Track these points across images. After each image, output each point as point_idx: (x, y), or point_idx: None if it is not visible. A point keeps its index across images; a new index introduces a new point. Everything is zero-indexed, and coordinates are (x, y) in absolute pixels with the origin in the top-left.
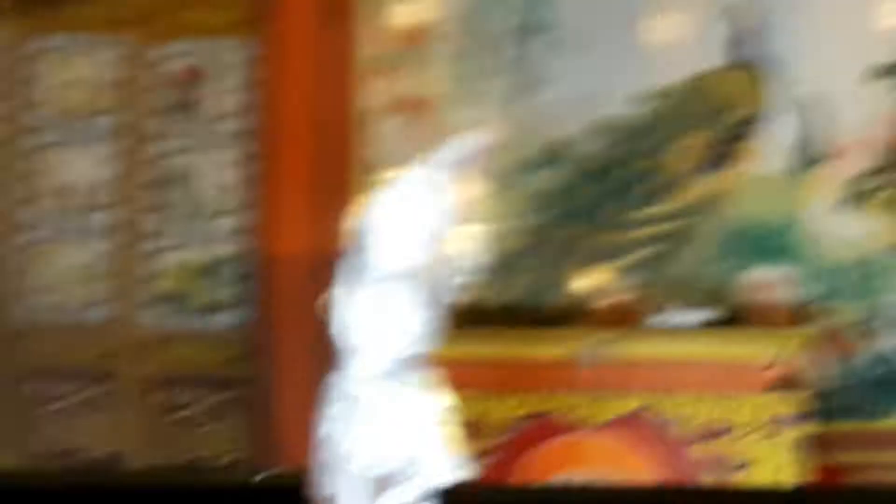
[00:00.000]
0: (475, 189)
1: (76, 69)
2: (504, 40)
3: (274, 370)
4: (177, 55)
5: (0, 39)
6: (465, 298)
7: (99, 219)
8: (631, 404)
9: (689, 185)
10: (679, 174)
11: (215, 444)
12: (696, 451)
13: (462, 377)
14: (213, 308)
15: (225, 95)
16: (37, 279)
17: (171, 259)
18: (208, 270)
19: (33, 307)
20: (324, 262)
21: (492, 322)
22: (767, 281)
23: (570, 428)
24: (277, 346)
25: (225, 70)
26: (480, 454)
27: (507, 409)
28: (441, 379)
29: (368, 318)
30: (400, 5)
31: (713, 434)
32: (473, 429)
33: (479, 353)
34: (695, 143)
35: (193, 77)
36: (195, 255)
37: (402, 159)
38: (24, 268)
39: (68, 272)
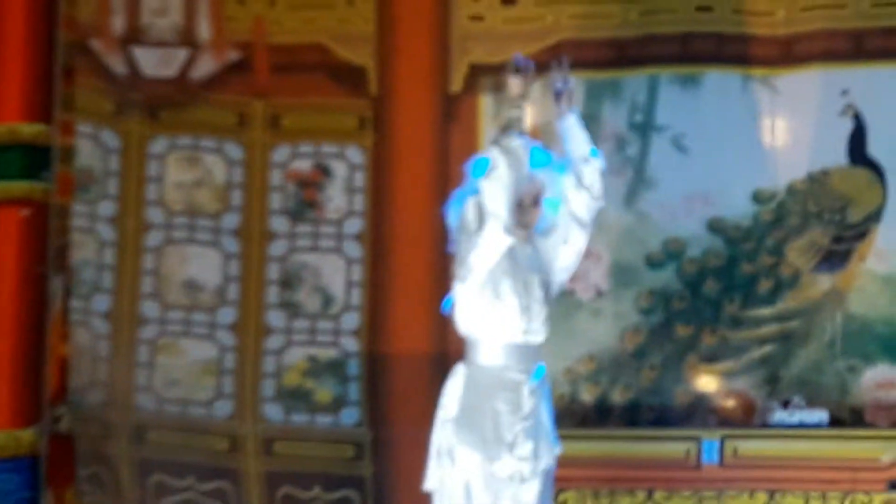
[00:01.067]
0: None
1: (203, 168)
2: (626, 138)
3: (392, 469)
4: (302, 156)
5: (130, 137)
6: (589, 398)
7: (225, 315)
8: (755, 501)
9: (811, 282)
10: (800, 272)
11: None
12: None
13: (587, 474)
14: (336, 405)
15: (349, 196)
16: (164, 373)
17: (296, 356)
18: (331, 368)
19: (160, 401)
20: (442, 363)
21: (617, 420)
22: (888, 379)
23: None
24: (395, 446)
25: (348, 172)
26: None
27: None
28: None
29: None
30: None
31: None
32: None
33: (605, 451)
34: (816, 240)
35: (318, 178)
36: (319, 352)
37: None
38: (152, 361)
39: (194, 367)
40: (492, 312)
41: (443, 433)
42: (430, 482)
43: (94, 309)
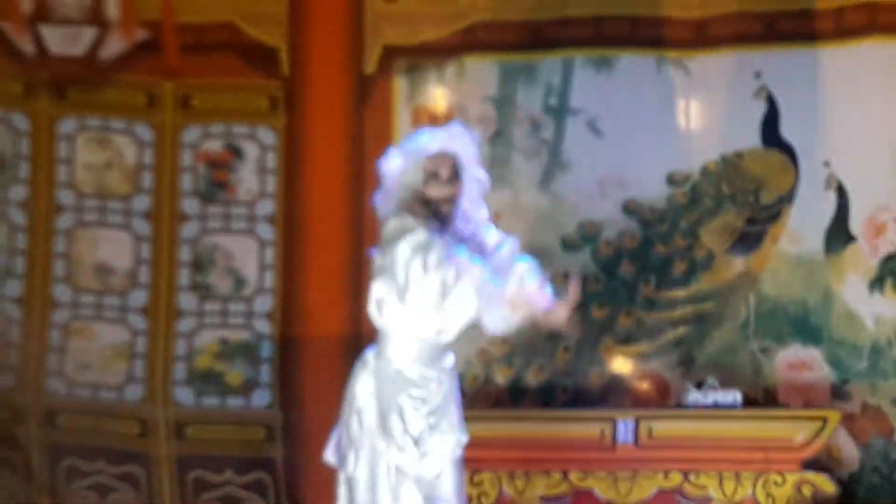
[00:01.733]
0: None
1: (114, 150)
2: (540, 121)
3: (303, 452)
4: (212, 137)
5: (39, 118)
6: (503, 379)
7: (137, 298)
8: (670, 482)
9: (724, 264)
10: (714, 253)
11: None
12: None
13: (502, 456)
14: (247, 388)
15: (260, 177)
16: (76, 357)
17: (207, 339)
18: (243, 350)
19: (71, 385)
20: (355, 345)
21: (531, 401)
22: (801, 360)
23: None
24: (307, 428)
25: (260, 153)
26: None
27: (547, 487)
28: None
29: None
30: (436, 87)
31: None
32: None
33: (519, 432)
34: (730, 222)
35: (229, 159)
36: (230, 334)
37: None
38: (63, 345)
39: (106, 350)
40: (408, 311)
41: (350, 422)
42: (329, 454)
43: (5, 294)
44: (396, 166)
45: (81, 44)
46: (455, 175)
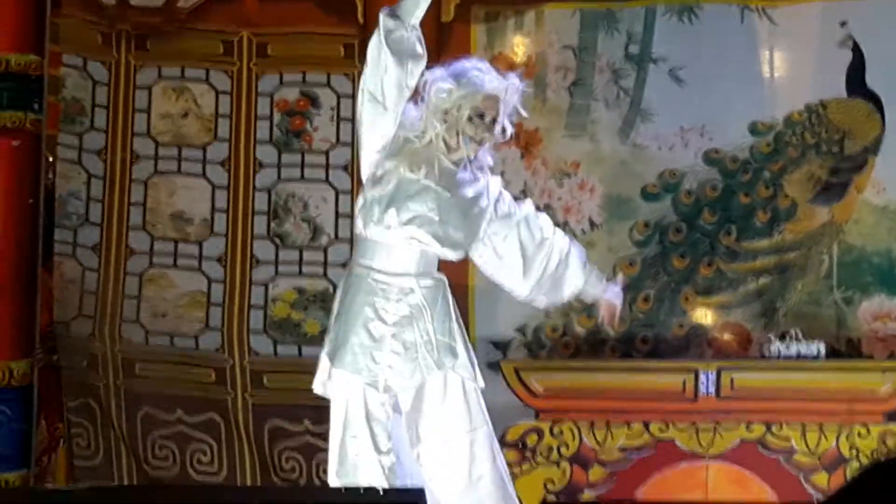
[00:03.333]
0: None
1: (190, 99)
2: (621, 70)
3: None
4: (288, 85)
5: (117, 68)
6: (582, 330)
7: (213, 246)
8: (752, 433)
9: (808, 214)
10: (797, 203)
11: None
12: (817, 481)
13: (582, 406)
14: (323, 337)
15: (336, 126)
16: (152, 305)
17: (283, 287)
18: (319, 300)
19: (147, 333)
20: None
21: (611, 352)
22: (885, 310)
23: (690, 456)
24: None
25: (335, 101)
26: (601, 481)
27: (627, 438)
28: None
29: None
30: (514, 35)
31: (834, 464)
32: (594, 456)
33: (599, 383)
34: (814, 172)
35: (305, 107)
36: (307, 284)
37: (514, 192)
38: (138, 293)
39: (182, 299)
40: (378, 207)
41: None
42: (317, 385)
43: (81, 241)
44: (445, 88)
45: None
46: (494, 122)
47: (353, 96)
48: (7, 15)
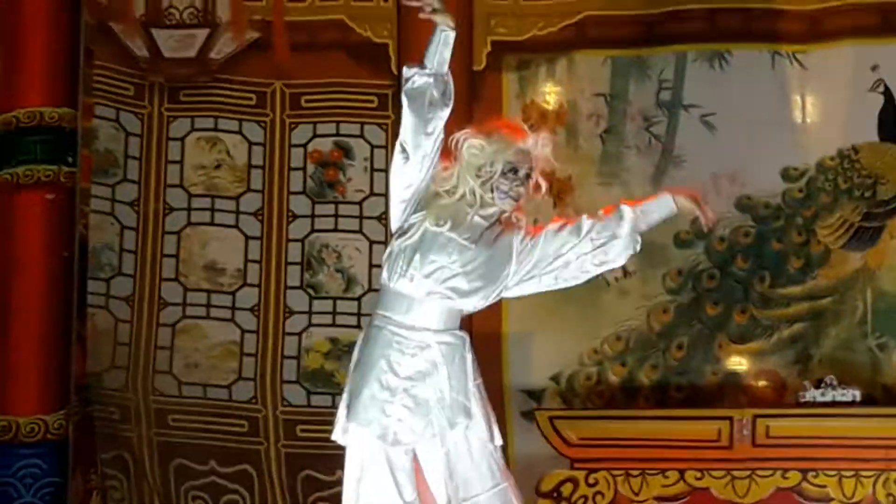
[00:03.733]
0: None
1: (223, 150)
2: (653, 116)
3: None
4: (322, 136)
5: (150, 119)
6: (616, 378)
7: (246, 297)
8: (788, 481)
9: (841, 260)
10: (830, 249)
11: None
12: None
13: (617, 455)
14: None
15: (369, 176)
16: (184, 356)
17: (317, 338)
18: (352, 350)
19: (180, 383)
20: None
21: (645, 401)
22: None
23: None
24: None
25: (368, 151)
26: None
27: (663, 487)
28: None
29: None
30: (546, 83)
31: None
32: None
33: (634, 432)
34: (847, 217)
35: (338, 158)
36: (340, 334)
37: None
38: (171, 344)
39: (215, 349)
40: (402, 258)
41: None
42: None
43: (114, 293)
44: (477, 144)
45: (193, 46)
46: (528, 177)
47: (387, 146)
48: (40, 68)
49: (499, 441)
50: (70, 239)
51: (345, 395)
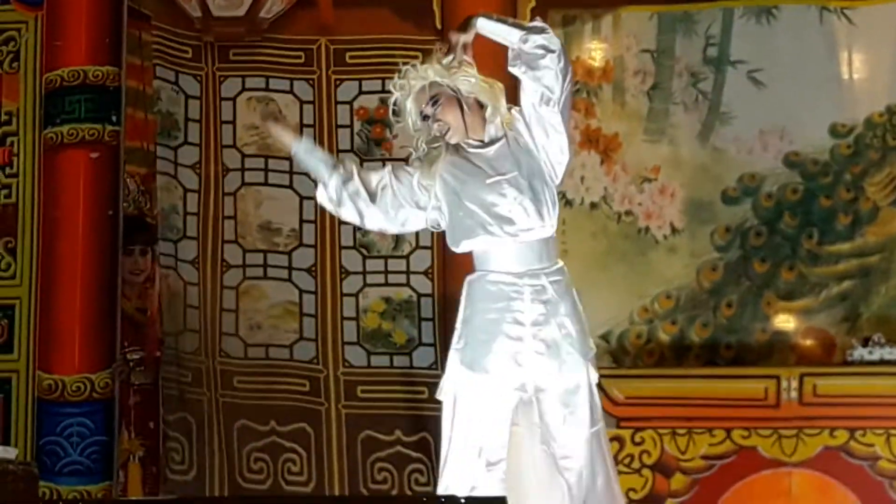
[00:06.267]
0: None
1: (275, 109)
2: (700, 73)
3: None
4: (367, 93)
5: (206, 80)
6: (666, 337)
7: (302, 257)
8: (835, 440)
9: (890, 217)
10: (879, 206)
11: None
12: None
13: (664, 414)
14: (411, 347)
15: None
16: (247, 317)
17: (372, 298)
18: (405, 309)
19: (244, 345)
20: None
21: (695, 359)
22: None
23: (773, 463)
24: None
25: None
26: (683, 490)
27: (709, 445)
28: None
29: None
30: (591, 40)
31: None
32: (676, 464)
33: (682, 390)
34: (895, 174)
35: (385, 114)
36: (393, 293)
37: (594, 197)
38: (237, 306)
39: (275, 310)
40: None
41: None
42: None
43: (181, 256)
44: (397, 111)
45: (242, 4)
46: (435, 104)
47: None
48: (83, 28)
49: (595, 378)
50: (115, 198)
51: (458, 354)
